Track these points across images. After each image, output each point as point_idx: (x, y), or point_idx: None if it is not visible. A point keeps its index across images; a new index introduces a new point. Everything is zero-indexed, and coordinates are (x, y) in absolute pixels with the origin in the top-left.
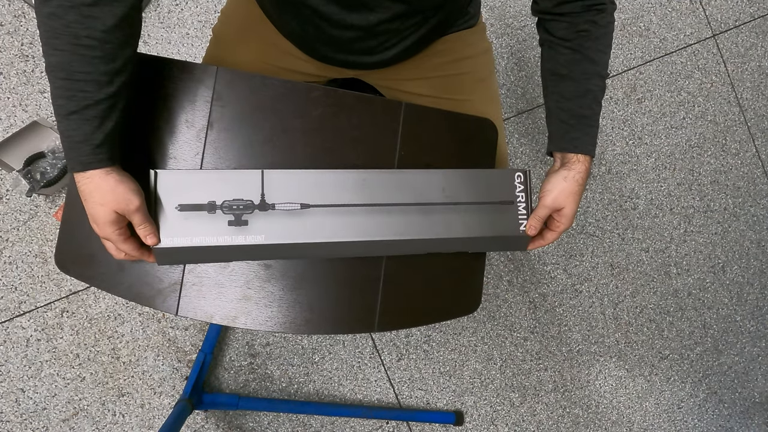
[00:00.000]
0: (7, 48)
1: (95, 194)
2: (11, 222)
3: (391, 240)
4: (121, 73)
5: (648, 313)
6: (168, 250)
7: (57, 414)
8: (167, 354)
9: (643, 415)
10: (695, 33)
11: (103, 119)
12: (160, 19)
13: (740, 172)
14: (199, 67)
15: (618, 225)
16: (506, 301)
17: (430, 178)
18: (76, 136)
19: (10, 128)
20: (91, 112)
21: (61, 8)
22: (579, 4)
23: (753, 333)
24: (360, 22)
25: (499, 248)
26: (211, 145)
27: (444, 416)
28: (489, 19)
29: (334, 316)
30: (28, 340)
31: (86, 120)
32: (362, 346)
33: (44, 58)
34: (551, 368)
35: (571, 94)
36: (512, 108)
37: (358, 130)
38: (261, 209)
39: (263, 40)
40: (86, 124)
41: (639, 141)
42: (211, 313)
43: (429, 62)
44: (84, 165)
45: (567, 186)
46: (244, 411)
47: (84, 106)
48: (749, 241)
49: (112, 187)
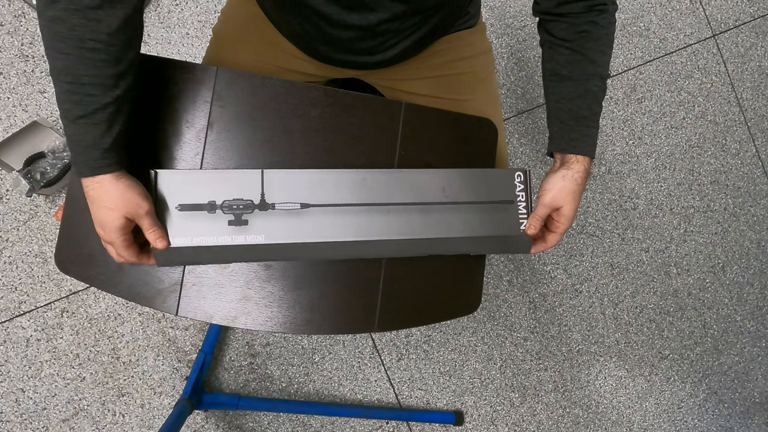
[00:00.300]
0: (7, 48)
1: (105, 199)
2: (11, 222)
3: (392, 240)
4: (126, 76)
5: (648, 313)
6: (168, 250)
7: (57, 414)
8: (167, 354)
9: (643, 415)
10: (695, 33)
11: (110, 123)
12: (160, 19)
13: (740, 172)
14: (199, 67)
15: (618, 225)
16: (506, 301)
17: (430, 178)
18: (84, 140)
19: (10, 128)
20: (98, 116)
21: (66, 12)
22: (580, 5)
23: (753, 333)
24: (360, 22)
25: (502, 251)
26: (211, 145)
27: (444, 416)
28: (489, 19)
29: (334, 316)
30: (28, 340)
31: (94, 124)
32: (362, 346)
33: (48, 62)
34: (551, 368)
35: (571, 94)
36: (512, 108)
37: (358, 130)
38: (261, 209)
39: (263, 40)
40: (94, 128)
41: (639, 141)
42: (211, 313)
43: (429, 62)
44: (93, 170)
45: (565, 185)
46: (244, 411)
47: (92, 110)
48: (749, 241)
49: (122, 192)
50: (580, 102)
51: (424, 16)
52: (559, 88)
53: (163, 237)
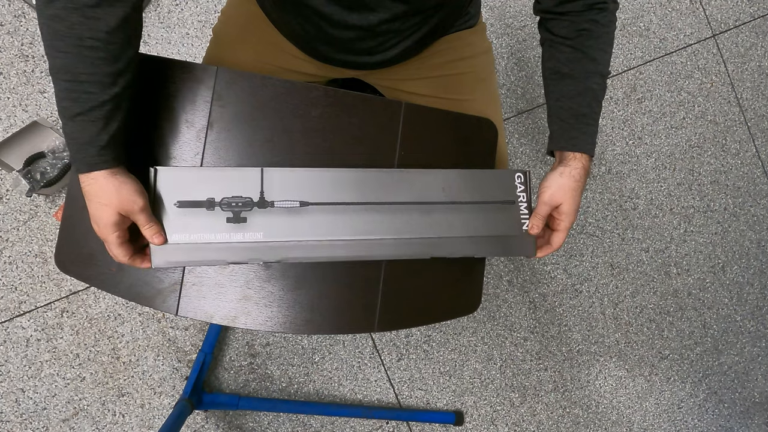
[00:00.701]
0: (7, 48)
1: (100, 195)
2: (11, 222)
3: (392, 240)
4: (125, 74)
5: (648, 313)
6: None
7: (57, 414)
8: (167, 354)
9: (643, 415)
10: (695, 33)
11: (108, 120)
12: (160, 19)
13: (740, 172)
14: (199, 67)
15: (618, 225)
16: (506, 301)
17: (430, 178)
18: (81, 137)
19: (10, 128)
20: (96, 113)
21: (65, 10)
22: (580, 3)
23: (753, 333)
24: (361, 22)
25: (505, 253)
26: (210, 145)
27: (444, 416)
28: (489, 19)
29: (334, 316)
30: (28, 340)
31: (91, 121)
32: (362, 346)
33: (47, 60)
34: (551, 368)
35: (572, 92)
36: (512, 108)
37: (358, 130)
38: (260, 206)
39: (263, 40)
40: (92, 125)
41: (639, 141)
42: (211, 313)
43: (429, 62)
44: (90, 166)
45: (563, 182)
46: (244, 411)
47: (89, 107)
48: (749, 241)
49: (117, 188)
50: (580, 100)
51: (425, 16)
52: (559, 86)
53: (159, 233)
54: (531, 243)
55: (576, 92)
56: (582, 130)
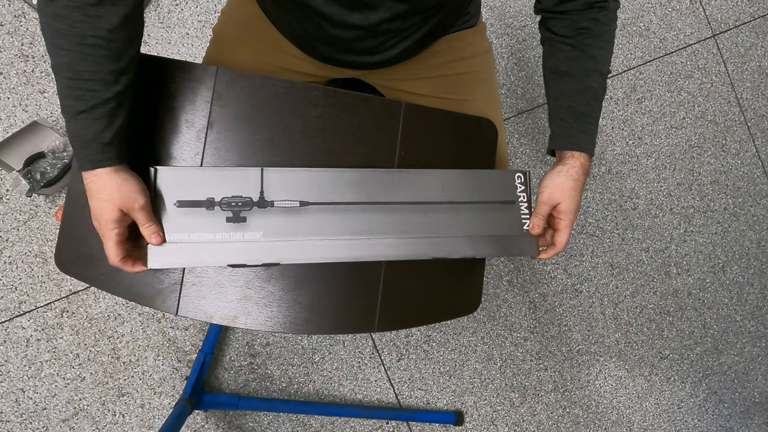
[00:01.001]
0: (7, 48)
1: (101, 191)
2: (11, 222)
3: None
4: (127, 72)
5: (648, 313)
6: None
7: (57, 414)
8: (167, 354)
9: (643, 415)
10: (695, 33)
11: (111, 118)
12: (160, 19)
13: (740, 172)
14: (199, 67)
15: (618, 225)
16: (506, 301)
17: (430, 178)
18: (85, 135)
19: (10, 128)
20: (99, 111)
21: (66, 8)
22: (581, 2)
23: (753, 333)
24: (361, 22)
25: (506, 253)
26: (211, 145)
27: (444, 416)
28: (489, 19)
29: (334, 316)
30: (28, 340)
31: (95, 119)
32: (362, 346)
33: (50, 59)
34: (551, 368)
35: (571, 90)
36: (512, 108)
37: (358, 130)
38: (260, 206)
39: (263, 40)
40: (95, 123)
41: (639, 141)
42: (211, 313)
43: (429, 62)
44: (93, 163)
45: (561, 181)
46: (244, 411)
47: (92, 105)
48: (749, 241)
49: (119, 185)
50: (579, 98)
51: (425, 15)
52: (559, 84)
53: (158, 233)
54: (533, 243)
55: (575, 90)
56: (581, 129)
